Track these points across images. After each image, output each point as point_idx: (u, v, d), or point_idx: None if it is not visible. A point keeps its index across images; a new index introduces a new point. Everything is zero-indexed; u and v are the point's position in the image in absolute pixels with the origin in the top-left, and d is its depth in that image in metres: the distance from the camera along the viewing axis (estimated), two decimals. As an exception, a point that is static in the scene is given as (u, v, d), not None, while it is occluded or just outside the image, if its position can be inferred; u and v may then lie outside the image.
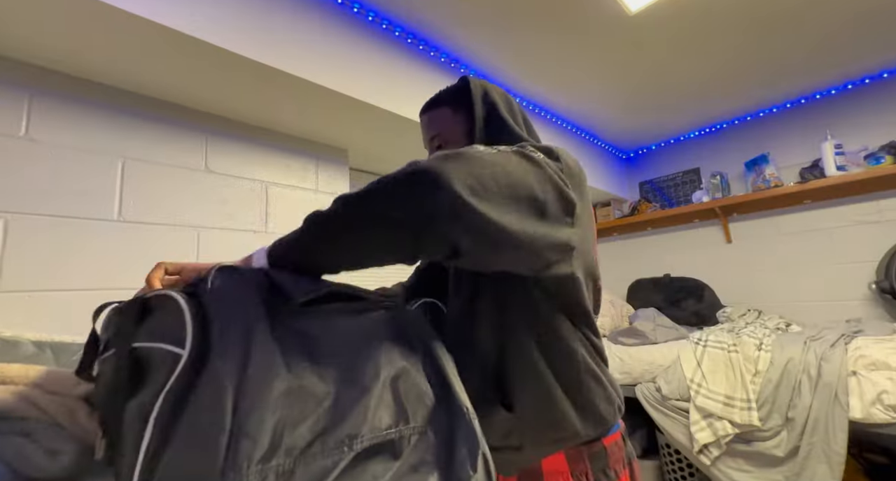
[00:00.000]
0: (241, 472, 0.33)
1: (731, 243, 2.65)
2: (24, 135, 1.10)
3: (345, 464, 0.39)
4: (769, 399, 1.57)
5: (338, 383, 0.42)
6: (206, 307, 0.41)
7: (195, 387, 0.37)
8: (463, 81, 0.76)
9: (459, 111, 0.76)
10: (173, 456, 0.35)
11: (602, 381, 0.65)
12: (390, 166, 2.15)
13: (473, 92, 0.74)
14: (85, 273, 1.14)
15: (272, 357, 0.39)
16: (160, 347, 0.41)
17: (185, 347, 0.38)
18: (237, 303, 0.41)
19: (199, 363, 0.38)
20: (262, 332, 0.39)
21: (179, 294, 0.42)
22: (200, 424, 0.35)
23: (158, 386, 0.38)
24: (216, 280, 0.44)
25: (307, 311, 0.45)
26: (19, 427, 0.59)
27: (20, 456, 0.57)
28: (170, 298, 0.43)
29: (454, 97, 0.77)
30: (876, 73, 2.18)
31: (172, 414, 0.36)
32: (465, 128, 0.74)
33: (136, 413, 0.39)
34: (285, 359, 0.40)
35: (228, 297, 0.42)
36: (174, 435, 0.36)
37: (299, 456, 0.37)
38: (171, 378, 0.37)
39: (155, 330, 0.43)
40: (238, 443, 0.34)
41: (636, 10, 1.57)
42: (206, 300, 0.42)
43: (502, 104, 0.75)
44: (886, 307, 2.08)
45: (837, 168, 2.11)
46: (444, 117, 0.77)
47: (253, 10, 1.23)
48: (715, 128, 2.78)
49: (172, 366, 0.38)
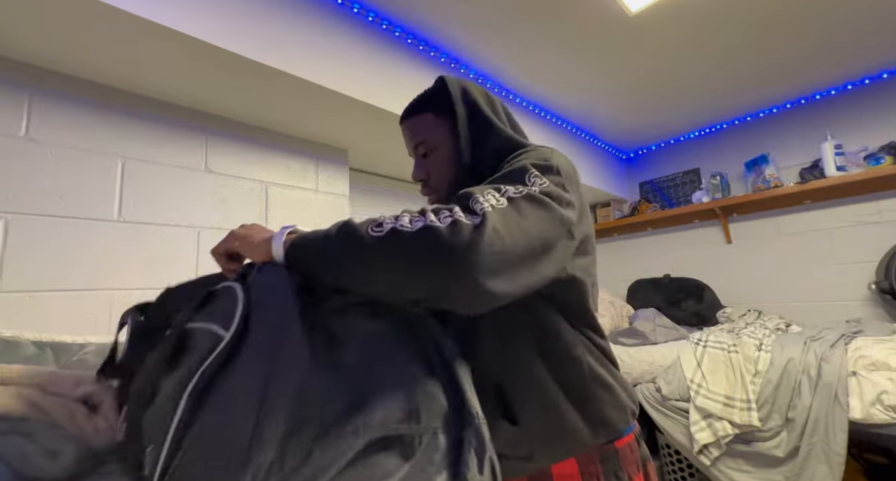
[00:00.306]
0: (264, 447, 0.36)
1: (731, 243, 2.65)
2: (24, 135, 1.10)
3: (358, 451, 0.41)
4: (769, 399, 1.57)
5: (355, 377, 0.45)
6: (250, 297, 0.46)
7: (231, 367, 0.41)
8: (440, 82, 0.74)
9: (441, 114, 0.73)
10: (204, 428, 0.38)
11: (612, 388, 0.64)
12: (390, 166, 2.15)
13: (452, 93, 0.71)
14: (85, 273, 1.14)
15: (301, 348, 0.42)
16: (207, 327, 0.46)
17: (230, 331, 0.43)
18: (276, 298, 0.46)
19: (237, 347, 0.42)
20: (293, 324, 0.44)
21: (239, 286, 0.48)
22: (232, 400, 0.39)
23: (197, 363, 0.42)
24: (260, 274, 0.50)
25: (333, 311, 0.49)
26: (20, 427, 0.59)
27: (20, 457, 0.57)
28: (229, 287, 0.49)
29: (433, 100, 0.75)
30: (876, 74, 2.18)
31: (207, 390, 0.40)
32: (449, 131, 0.72)
33: (174, 386, 0.42)
34: (311, 351, 0.43)
35: (268, 292, 0.47)
36: (207, 408, 0.39)
37: (317, 438, 0.40)
38: (210, 356, 0.41)
39: (210, 313, 0.49)
40: (264, 422, 0.37)
41: (636, 11, 1.57)
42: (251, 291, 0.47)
43: (483, 101, 0.72)
44: (886, 307, 2.08)
45: (837, 168, 2.11)
46: (426, 123, 0.75)
47: (253, 11, 1.23)
48: (715, 129, 2.78)
49: (213, 346, 0.42)
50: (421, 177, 0.76)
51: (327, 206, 1.76)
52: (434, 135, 0.74)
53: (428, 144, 0.74)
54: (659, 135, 2.91)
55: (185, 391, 0.40)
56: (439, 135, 0.73)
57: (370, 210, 2.12)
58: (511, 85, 2.08)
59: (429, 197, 0.78)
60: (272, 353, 0.41)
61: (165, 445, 0.38)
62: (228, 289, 0.49)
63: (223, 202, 1.45)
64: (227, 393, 0.39)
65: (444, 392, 0.50)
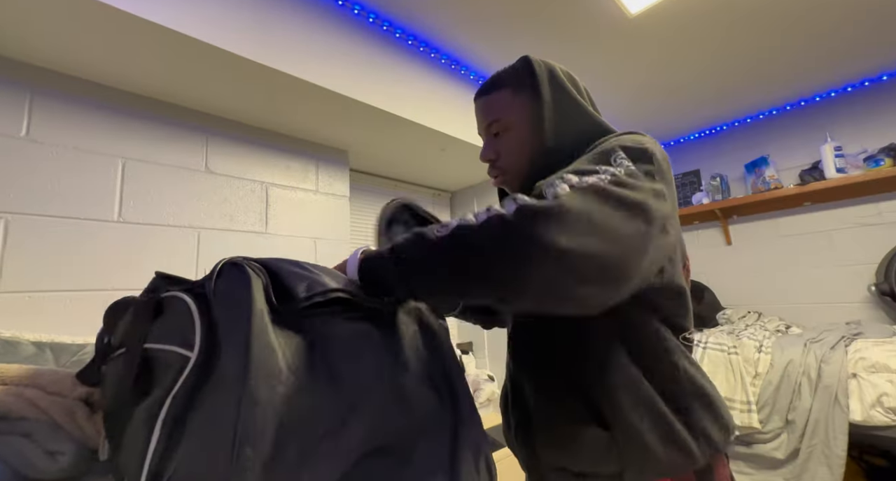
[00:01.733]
0: (244, 476, 0.33)
1: (730, 245, 2.65)
2: (24, 135, 1.11)
3: (350, 464, 0.40)
4: (769, 401, 1.57)
5: (340, 386, 0.42)
6: (213, 309, 0.41)
7: (201, 391, 0.37)
8: (523, 61, 0.69)
9: (520, 93, 0.68)
10: (180, 459, 0.35)
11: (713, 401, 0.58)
12: (390, 168, 2.15)
13: (538, 73, 0.66)
14: (85, 274, 1.14)
15: (274, 360, 0.38)
16: (170, 349, 0.41)
17: (194, 350, 0.39)
18: (240, 305, 0.40)
19: (206, 366, 0.38)
20: (263, 335, 0.39)
21: (189, 295, 0.43)
22: (206, 427, 0.36)
23: (166, 389, 0.38)
24: (220, 281, 0.44)
25: (310, 314, 0.44)
26: (19, 427, 0.59)
27: (20, 457, 0.57)
28: (179, 300, 0.43)
29: (515, 78, 0.69)
30: (875, 76, 2.18)
31: (179, 417, 0.37)
32: (529, 113, 0.66)
33: (145, 415, 0.39)
34: (287, 362, 0.39)
35: (232, 299, 0.41)
36: (181, 438, 0.36)
37: (304, 459, 0.37)
38: (178, 380, 0.38)
39: (166, 331, 0.44)
40: (242, 447, 0.34)
41: (636, 13, 1.57)
42: (213, 302, 0.42)
43: (570, 84, 0.68)
44: (886, 309, 2.08)
45: (837, 170, 2.12)
46: (504, 101, 0.69)
47: (254, 12, 1.23)
48: (715, 130, 2.78)
49: (181, 369, 0.38)
50: (489, 156, 0.72)
51: (327, 207, 1.76)
52: (510, 115, 0.68)
53: (502, 123, 0.69)
54: (659, 136, 2.91)
55: (157, 418, 0.37)
56: (516, 114, 0.68)
57: (370, 211, 2.13)
58: (511, 86, 2.08)
59: (495, 179, 0.73)
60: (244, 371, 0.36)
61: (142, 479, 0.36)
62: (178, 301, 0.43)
63: (223, 203, 1.45)
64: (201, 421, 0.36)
65: (438, 391, 0.50)
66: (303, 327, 0.43)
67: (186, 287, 0.46)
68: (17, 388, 0.60)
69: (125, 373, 0.43)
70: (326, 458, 0.38)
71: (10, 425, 0.58)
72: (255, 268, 0.44)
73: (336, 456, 0.39)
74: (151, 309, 0.46)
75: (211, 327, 0.40)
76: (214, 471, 0.33)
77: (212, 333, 0.40)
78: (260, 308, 0.40)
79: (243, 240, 1.47)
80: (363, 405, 0.42)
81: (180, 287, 0.46)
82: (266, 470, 0.34)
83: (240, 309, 0.40)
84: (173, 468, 0.35)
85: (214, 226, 1.41)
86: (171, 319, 0.44)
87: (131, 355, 0.44)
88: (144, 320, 0.45)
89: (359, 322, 0.48)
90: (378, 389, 0.44)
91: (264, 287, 0.43)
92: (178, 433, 0.36)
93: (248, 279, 0.42)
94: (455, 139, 1.80)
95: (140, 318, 0.46)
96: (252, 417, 0.35)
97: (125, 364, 0.44)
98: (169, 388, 0.38)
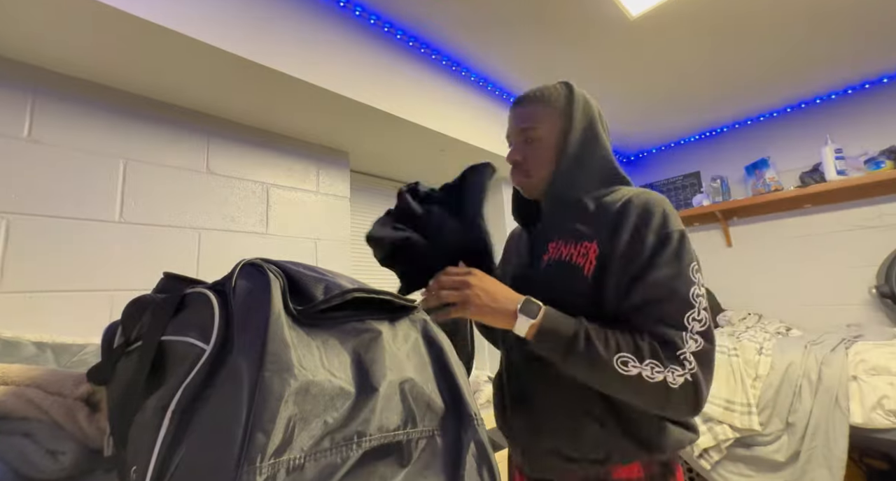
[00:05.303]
0: (254, 465, 0.34)
1: (731, 247, 2.65)
2: (26, 136, 1.11)
3: (353, 462, 0.40)
4: (769, 403, 1.57)
5: (348, 383, 0.43)
6: (231, 306, 0.43)
7: (214, 382, 0.39)
8: (567, 88, 0.80)
9: (556, 114, 0.79)
10: (189, 448, 0.36)
11: None
12: (391, 169, 2.16)
13: (577, 100, 0.78)
14: (86, 274, 1.15)
15: (288, 355, 0.40)
16: (185, 340, 0.43)
17: (210, 343, 0.40)
18: (258, 303, 0.42)
19: (220, 359, 0.40)
20: (279, 331, 0.41)
21: (212, 292, 0.45)
22: (217, 418, 0.37)
23: (179, 380, 0.40)
24: (240, 280, 0.46)
25: (324, 316, 0.47)
26: (20, 427, 0.59)
27: (21, 457, 0.57)
28: (202, 295, 0.45)
29: (555, 99, 0.80)
30: (876, 78, 2.18)
31: (190, 408, 0.38)
32: (559, 131, 0.78)
33: (157, 404, 0.40)
34: (299, 359, 0.41)
35: (250, 297, 0.43)
36: (191, 428, 0.37)
37: (310, 452, 0.38)
38: (191, 372, 0.39)
39: (185, 325, 0.46)
40: (253, 437, 0.35)
41: (637, 15, 1.57)
42: (231, 299, 0.44)
43: (598, 118, 0.80)
44: (887, 312, 2.08)
45: (838, 172, 2.11)
46: (543, 113, 0.79)
47: (255, 13, 1.24)
48: (716, 132, 2.78)
49: (195, 361, 0.40)
50: (515, 158, 0.81)
51: (328, 208, 1.76)
52: (544, 127, 0.79)
53: (537, 132, 0.79)
54: (660, 138, 2.91)
55: (167, 409, 0.38)
56: (549, 129, 0.79)
57: (371, 211, 2.13)
58: (512, 88, 2.08)
59: (515, 179, 0.83)
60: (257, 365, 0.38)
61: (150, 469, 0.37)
62: (201, 296, 0.46)
63: (224, 203, 1.45)
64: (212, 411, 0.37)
65: (441, 393, 0.50)
66: (318, 327, 0.45)
67: (208, 285, 0.49)
68: (19, 389, 0.61)
69: (140, 365, 0.45)
70: (332, 451, 0.39)
71: (12, 425, 0.58)
72: (273, 270, 0.46)
73: (341, 449, 0.40)
74: (175, 304, 0.48)
75: (228, 322, 0.42)
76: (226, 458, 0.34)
77: (228, 328, 0.41)
78: (278, 307, 0.42)
79: (244, 240, 1.47)
80: (369, 404, 0.43)
81: (203, 285, 0.49)
82: (276, 456, 0.35)
83: (258, 307, 0.42)
84: (181, 455, 0.36)
85: (215, 227, 1.41)
86: (192, 314, 0.46)
87: (149, 346, 0.46)
88: (167, 314, 0.47)
89: (370, 323, 0.49)
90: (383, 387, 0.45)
91: (282, 289, 0.45)
92: (187, 421, 0.38)
93: (267, 280, 0.44)
94: (455, 140, 1.80)
95: (163, 312, 0.48)
96: (265, 406, 0.36)
97: (141, 356, 0.46)
98: (182, 379, 0.39)
